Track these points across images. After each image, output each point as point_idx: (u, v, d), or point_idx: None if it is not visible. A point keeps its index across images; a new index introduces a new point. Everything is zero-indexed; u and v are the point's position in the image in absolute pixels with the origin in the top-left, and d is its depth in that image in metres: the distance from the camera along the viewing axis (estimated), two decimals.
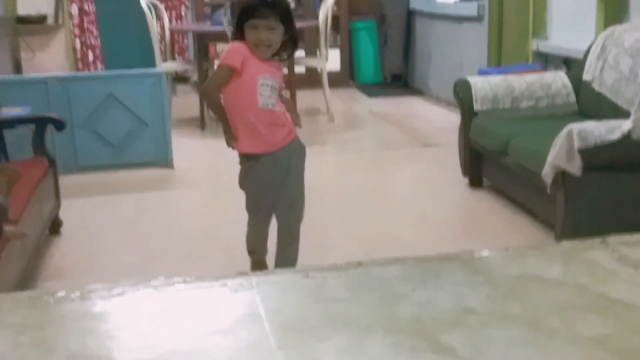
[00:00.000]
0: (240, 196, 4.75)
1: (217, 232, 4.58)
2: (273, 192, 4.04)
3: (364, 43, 8.50)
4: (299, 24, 7.53)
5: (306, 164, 4.93)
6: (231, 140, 4.01)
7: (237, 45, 3.92)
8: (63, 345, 1.61)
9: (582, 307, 1.88)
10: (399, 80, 8.14)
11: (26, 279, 4.15)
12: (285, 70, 7.17)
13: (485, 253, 2.22)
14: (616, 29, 4.45)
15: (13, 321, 1.70)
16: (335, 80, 7.18)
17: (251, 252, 4.23)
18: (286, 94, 4.63)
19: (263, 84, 3.91)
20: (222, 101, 4.02)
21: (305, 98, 7.18)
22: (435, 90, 7.37)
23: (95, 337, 1.65)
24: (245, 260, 4.03)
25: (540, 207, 3.70)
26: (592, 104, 4.34)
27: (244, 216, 4.31)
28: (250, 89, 3.87)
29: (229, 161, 6.10)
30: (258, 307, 1.83)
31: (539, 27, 6.20)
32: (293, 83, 6.79)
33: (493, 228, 3.88)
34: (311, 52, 8.69)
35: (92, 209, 5.72)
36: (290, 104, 4.38)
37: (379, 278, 2.05)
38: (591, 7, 5.25)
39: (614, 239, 2.32)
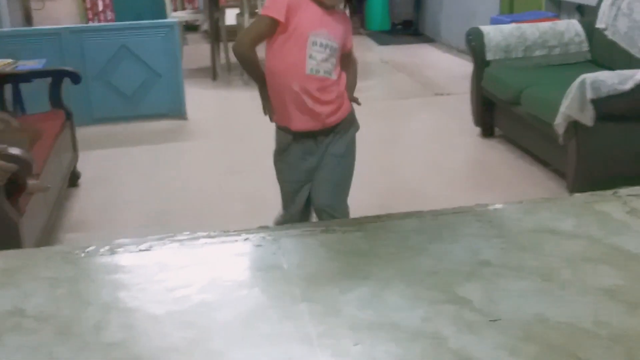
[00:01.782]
0: (256, 145, 4.76)
1: (233, 182, 4.64)
2: (308, 178, 3.31)
3: None
4: None
5: None
6: (268, 109, 3.23)
7: None
8: (97, 297, 1.68)
9: (594, 259, 1.94)
10: (410, 27, 8.10)
11: (49, 231, 4.24)
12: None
13: (499, 206, 2.27)
14: None
15: (48, 275, 1.77)
16: None
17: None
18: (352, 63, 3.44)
19: (316, 42, 3.02)
20: (258, 60, 3.18)
21: None
22: (446, 38, 7.33)
23: (126, 290, 1.72)
24: (263, 210, 3.93)
25: (552, 156, 3.73)
26: (605, 52, 4.33)
27: (259, 167, 4.32)
28: (298, 48, 3.02)
29: (240, 112, 6.12)
30: (281, 260, 1.90)
31: None
32: None
33: (505, 177, 3.92)
34: None
35: (109, 161, 5.78)
36: (353, 79, 3.40)
37: (397, 232, 2.11)
38: None
39: (625, 191, 2.37)
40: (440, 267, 1.90)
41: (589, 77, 3.18)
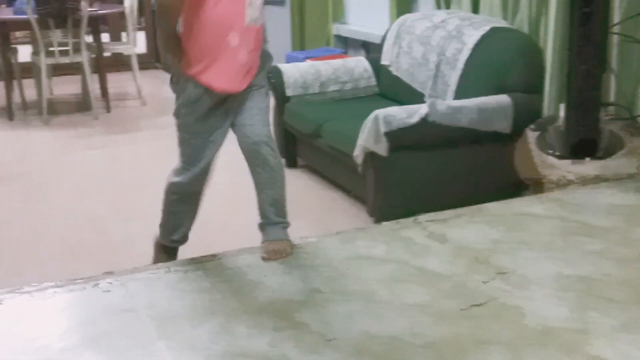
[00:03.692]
0: (63, 186, 4.70)
1: (45, 226, 4.53)
2: (218, 130, 2.84)
3: None
4: (104, 10, 7.50)
5: (124, 154, 4.70)
6: (179, 60, 2.80)
7: None
8: None
9: (404, 280, 2.29)
10: None
11: None
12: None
13: (318, 238, 2.60)
14: (408, 18, 4.92)
15: None
16: (142, 63, 7.22)
17: (171, 237, 2.91)
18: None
19: None
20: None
21: (112, 82, 7.15)
22: None
23: None
24: (82, 251, 3.72)
25: (353, 184, 4.09)
26: (391, 86, 4.80)
27: (70, 209, 4.28)
28: None
29: (43, 154, 5.98)
30: (131, 303, 2.06)
31: (338, 12, 6.60)
32: (103, 68, 6.76)
33: (312, 205, 4.19)
34: (115, 37, 8.66)
35: None
36: None
37: (233, 267, 2.35)
38: None
39: (423, 217, 2.76)
40: (277, 297, 2.14)
41: (381, 112, 3.57)
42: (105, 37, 7.70)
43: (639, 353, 2.10)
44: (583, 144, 3.55)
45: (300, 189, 4.26)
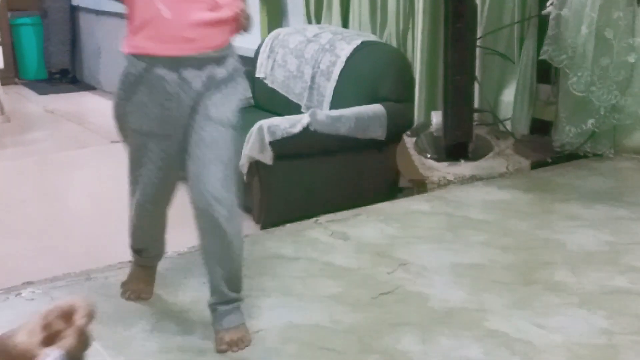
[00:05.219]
0: None
1: None
2: (174, 129, 2.24)
3: (28, 39, 8.37)
4: None
5: None
6: None
7: None
8: None
9: (316, 275, 2.45)
10: (67, 75, 8.18)
11: None
12: None
13: None
14: (280, 32, 5.08)
15: None
16: (2, 79, 6.99)
17: (138, 250, 2.44)
18: None
19: None
20: None
21: None
22: (107, 85, 7.54)
23: None
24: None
25: (239, 194, 4.18)
26: (266, 98, 4.91)
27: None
28: None
29: None
30: None
31: None
32: None
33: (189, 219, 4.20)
34: None
35: None
36: None
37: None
38: (255, 10, 5.89)
39: (323, 219, 2.94)
40: (201, 297, 2.26)
41: (265, 122, 3.69)
42: None
43: (529, 326, 2.36)
44: (457, 147, 3.82)
45: (186, 199, 4.24)
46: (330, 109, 4.08)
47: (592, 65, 3.82)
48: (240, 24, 2.25)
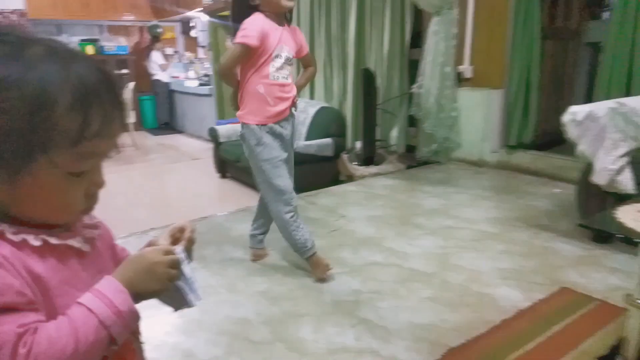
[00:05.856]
0: None
1: None
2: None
3: (148, 106, 8.50)
4: None
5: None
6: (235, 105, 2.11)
7: (255, 17, 1.95)
8: None
9: (252, 274, 2.21)
10: (168, 125, 8.37)
11: None
12: None
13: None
14: None
15: None
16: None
17: (309, 248, 2.11)
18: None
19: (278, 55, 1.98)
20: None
21: None
22: (190, 130, 7.73)
23: None
24: None
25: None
26: None
27: None
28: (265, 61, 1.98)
29: None
30: None
31: None
32: None
33: (235, 195, 3.75)
34: None
35: None
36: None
37: None
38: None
39: (303, 194, 2.84)
40: None
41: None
42: None
43: (405, 245, 2.37)
44: (368, 159, 4.07)
45: (228, 188, 4.15)
46: (305, 140, 4.02)
47: (435, 117, 3.91)
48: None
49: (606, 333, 1.63)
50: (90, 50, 7.54)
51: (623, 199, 1.96)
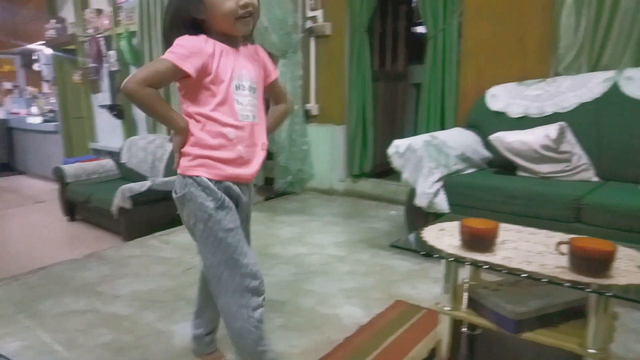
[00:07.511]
0: None
1: None
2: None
3: None
4: None
5: None
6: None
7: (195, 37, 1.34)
8: None
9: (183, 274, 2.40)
10: (7, 166, 7.43)
11: None
12: None
13: (117, 248, 2.49)
14: (134, 138, 4.46)
15: None
16: None
17: (265, 350, 1.46)
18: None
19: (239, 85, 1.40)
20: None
21: None
22: (33, 170, 6.95)
23: None
24: None
25: (111, 225, 3.94)
26: (127, 173, 4.62)
27: None
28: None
29: None
30: None
31: (92, 135, 6.35)
32: None
33: (88, 239, 3.88)
34: None
35: None
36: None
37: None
38: (118, 126, 5.75)
39: (159, 234, 2.88)
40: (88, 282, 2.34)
41: (125, 186, 3.67)
42: None
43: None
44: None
45: (79, 231, 3.94)
46: (164, 177, 4.00)
47: (288, 151, 4.03)
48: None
49: (429, 338, 1.77)
50: None
51: (440, 217, 2.20)
